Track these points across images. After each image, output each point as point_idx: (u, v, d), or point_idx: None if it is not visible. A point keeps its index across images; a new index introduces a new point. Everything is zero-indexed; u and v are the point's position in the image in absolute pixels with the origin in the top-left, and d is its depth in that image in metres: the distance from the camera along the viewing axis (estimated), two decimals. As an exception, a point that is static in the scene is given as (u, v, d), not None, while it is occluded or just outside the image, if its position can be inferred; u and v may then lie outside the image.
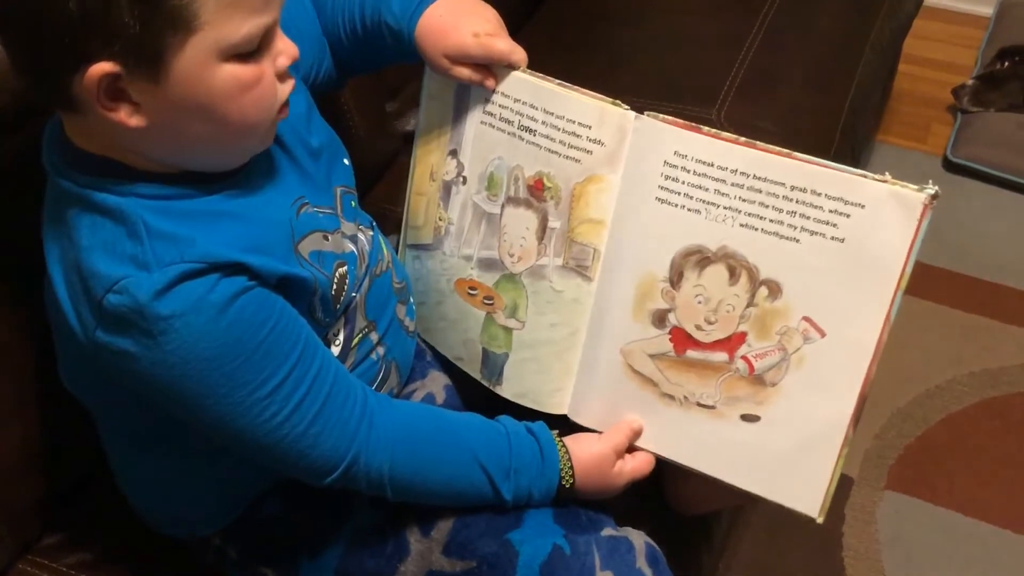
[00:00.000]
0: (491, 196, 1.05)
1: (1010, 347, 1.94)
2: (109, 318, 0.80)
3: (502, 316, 1.07)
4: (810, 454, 0.96)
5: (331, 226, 0.95)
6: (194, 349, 0.81)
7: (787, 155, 0.92)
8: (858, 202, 0.90)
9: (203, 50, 0.77)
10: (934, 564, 1.60)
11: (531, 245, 1.04)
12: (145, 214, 0.81)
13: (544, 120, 1.01)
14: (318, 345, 0.89)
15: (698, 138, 0.95)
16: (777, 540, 1.62)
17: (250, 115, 0.83)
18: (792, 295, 0.94)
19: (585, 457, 0.99)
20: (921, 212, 0.88)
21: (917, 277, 0.90)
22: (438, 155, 1.09)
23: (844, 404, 0.94)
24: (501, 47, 1.01)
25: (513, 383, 1.08)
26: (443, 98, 1.07)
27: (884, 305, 0.91)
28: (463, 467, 0.94)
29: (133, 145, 0.82)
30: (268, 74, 0.82)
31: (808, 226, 0.92)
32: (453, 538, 0.96)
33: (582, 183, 1.00)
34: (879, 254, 0.90)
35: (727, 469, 1.01)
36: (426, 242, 1.12)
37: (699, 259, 0.96)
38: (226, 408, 0.84)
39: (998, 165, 2.28)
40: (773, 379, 0.96)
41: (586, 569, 0.94)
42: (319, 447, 0.88)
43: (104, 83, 0.76)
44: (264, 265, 0.84)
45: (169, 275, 0.79)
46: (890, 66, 2.20)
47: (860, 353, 0.92)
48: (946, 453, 1.76)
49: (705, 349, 0.98)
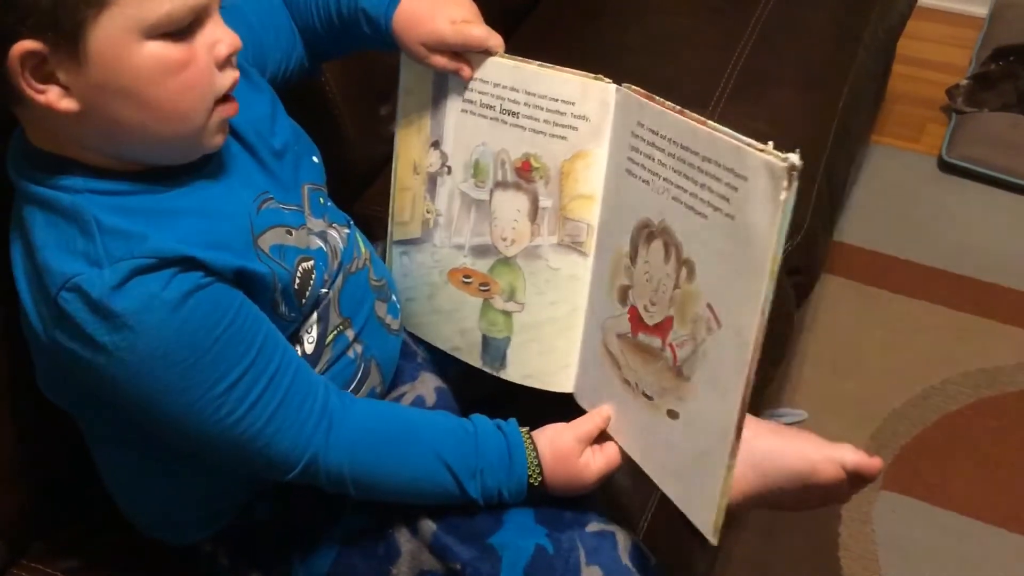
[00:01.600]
0: (478, 183, 1.06)
1: (1006, 347, 1.93)
2: (63, 316, 0.80)
3: (500, 301, 1.07)
4: (705, 463, 0.89)
5: (296, 222, 0.95)
6: (148, 347, 0.80)
7: (702, 122, 0.87)
8: (743, 174, 0.82)
9: (121, 26, 0.77)
10: (931, 564, 1.59)
11: (524, 227, 1.04)
12: (97, 211, 0.81)
13: (527, 101, 1.01)
14: (277, 343, 0.89)
15: (651, 107, 0.93)
16: (773, 540, 1.61)
17: (177, 100, 0.81)
18: (701, 278, 0.87)
19: (549, 451, 0.97)
20: (785, 183, 0.78)
21: (911, 277, 0.87)
22: (419, 148, 1.09)
23: (730, 408, 0.85)
24: (477, 33, 1.01)
25: (518, 366, 1.08)
26: (420, 91, 1.07)
27: (758, 292, 0.81)
28: (426, 467, 0.94)
29: (76, 137, 0.82)
30: (201, 59, 0.82)
31: (712, 200, 0.85)
32: (436, 540, 0.96)
33: (570, 160, 1.00)
34: (756, 232, 0.81)
35: (655, 468, 0.97)
36: (414, 236, 1.12)
37: (647, 234, 0.94)
38: (181, 407, 0.84)
39: (992, 165, 2.28)
40: (688, 372, 0.90)
41: (571, 567, 0.94)
42: (275, 446, 0.88)
43: (29, 63, 0.76)
44: (217, 260, 0.83)
45: (120, 271, 0.79)
46: (884, 67, 2.21)
47: (742, 349, 0.83)
48: (942, 453, 1.75)
49: (649, 332, 0.94)
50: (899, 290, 2.03)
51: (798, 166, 0.79)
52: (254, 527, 0.99)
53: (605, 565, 0.94)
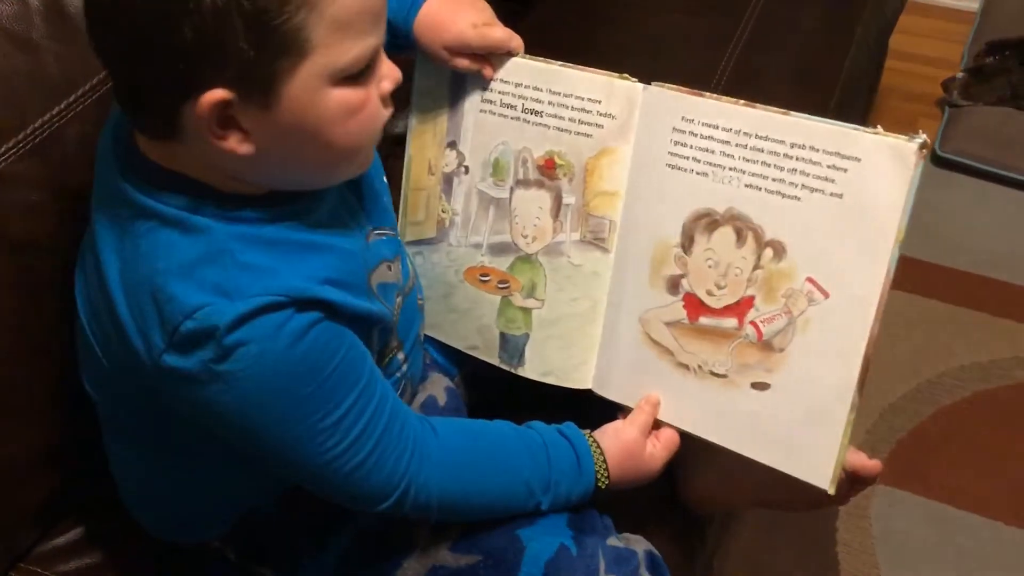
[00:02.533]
0: (497, 182, 1.07)
1: (1000, 340, 1.95)
2: (183, 342, 0.79)
3: (519, 298, 1.08)
4: (818, 423, 0.95)
5: (392, 253, 0.96)
6: (266, 376, 0.80)
7: (785, 113, 0.93)
8: (854, 156, 0.89)
9: (314, 74, 0.77)
10: (927, 557, 1.61)
11: (546, 224, 1.05)
12: (231, 241, 0.80)
13: (551, 100, 1.03)
14: (379, 375, 0.89)
15: (703, 102, 0.97)
16: (771, 536, 1.62)
17: (354, 139, 0.83)
18: (796, 255, 0.93)
19: (616, 450, 0.99)
20: (915, 161, 0.87)
21: (907, 272, 0.90)
22: (435, 149, 1.10)
23: (849, 367, 0.92)
24: (499, 35, 1.03)
25: (536, 363, 1.09)
26: (436, 92, 1.08)
27: (883, 260, 0.89)
28: (510, 488, 0.95)
29: (231, 170, 0.81)
30: (373, 97, 0.82)
31: (808, 183, 0.92)
32: (463, 534, 0.96)
33: (595, 157, 1.02)
34: (875, 208, 0.89)
35: (740, 440, 1.00)
36: (429, 236, 1.12)
37: (708, 222, 0.97)
38: (289, 436, 0.83)
39: (986, 159, 2.29)
40: (781, 344, 0.95)
41: (591, 571, 0.94)
42: (374, 477, 0.88)
43: (216, 111, 0.75)
44: (344, 301, 0.83)
45: (251, 305, 0.78)
46: (877, 62, 2.21)
47: (862, 312, 0.91)
48: (938, 447, 1.77)
49: (716, 315, 0.98)
50: (894, 285, 1.99)
51: (929, 144, 0.88)
52: (263, 523, 1.00)
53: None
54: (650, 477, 1.02)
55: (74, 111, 0.98)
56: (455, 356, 1.15)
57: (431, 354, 1.15)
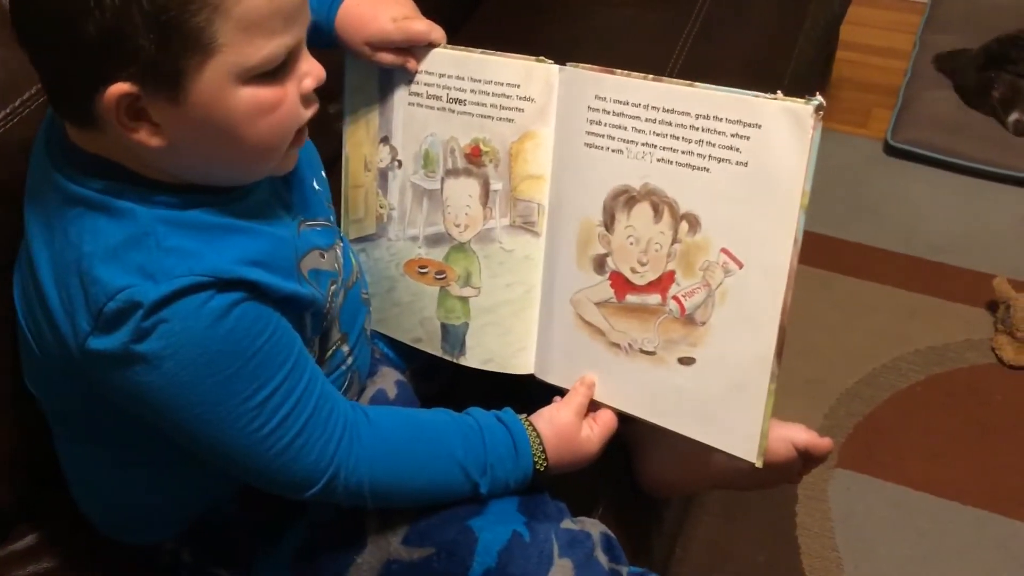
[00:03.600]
0: (428, 173, 1.08)
1: (954, 324, 1.97)
2: (106, 324, 0.79)
3: (456, 287, 1.09)
4: (741, 395, 0.95)
5: (325, 242, 0.96)
6: (188, 356, 0.80)
7: (690, 84, 0.93)
8: (755, 122, 0.89)
9: (222, 72, 0.77)
10: (886, 538, 1.63)
11: (476, 211, 1.06)
12: (154, 224, 0.80)
13: (472, 88, 1.03)
14: (308, 359, 0.89)
15: (613, 78, 0.97)
16: (732, 520, 1.64)
17: (266, 138, 0.83)
18: (710, 227, 0.93)
19: (551, 433, 0.99)
20: (812, 124, 0.87)
21: (862, 259, 0.90)
22: (369, 145, 1.11)
23: (767, 337, 0.92)
24: (420, 28, 1.04)
25: (477, 351, 1.09)
26: (366, 89, 1.09)
27: (791, 227, 0.89)
28: (443, 471, 0.95)
29: (150, 160, 0.82)
30: (291, 96, 0.82)
31: (715, 153, 0.92)
32: (414, 527, 0.96)
33: (518, 141, 1.03)
34: (779, 174, 0.89)
35: (671, 417, 1.00)
36: (369, 233, 1.13)
37: (626, 199, 0.97)
38: (214, 417, 0.83)
39: (937, 148, 2.32)
40: (702, 318, 0.95)
41: (544, 556, 0.95)
42: (301, 461, 0.87)
43: (123, 103, 0.76)
44: (270, 282, 0.83)
45: (174, 286, 0.79)
46: (827, 53, 2.24)
47: (775, 281, 0.91)
48: (894, 430, 1.79)
49: (641, 292, 0.99)
50: (849, 272, 2.06)
51: (824, 105, 0.87)
52: (218, 523, 0.99)
53: (577, 559, 0.96)
54: (588, 459, 1.02)
55: (19, 116, 0.98)
56: (405, 350, 1.15)
57: (381, 348, 1.15)
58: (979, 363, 1.90)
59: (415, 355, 1.15)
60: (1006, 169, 2.27)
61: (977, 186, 2.27)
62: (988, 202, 2.24)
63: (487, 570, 0.94)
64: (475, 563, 0.94)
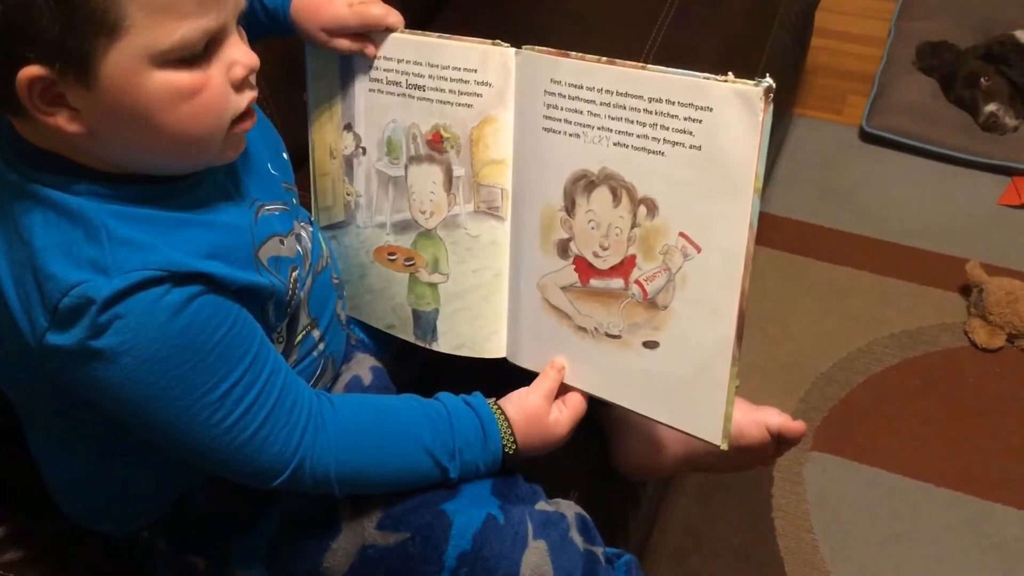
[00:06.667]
0: (392, 160, 1.08)
1: (928, 308, 1.99)
2: (62, 320, 0.78)
3: (425, 273, 1.09)
4: (703, 377, 0.95)
5: (284, 228, 0.95)
6: (148, 350, 0.79)
7: (642, 67, 0.92)
8: (706, 105, 0.88)
9: (132, 55, 0.75)
10: (861, 520, 1.64)
11: (441, 198, 1.06)
12: (105, 218, 0.79)
13: (431, 74, 1.03)
14: (270, 350, 0.88)
15: (568, 62, 0.96)
16: (709, 503, 1.66)
17: (189, 126, 0.80)
18: (667, 211, 0.93)
19: (520, 416, 0.99)
20: (762, 106, 0.85)
21: (837, 244, 0.90)
22: (334, 132, 1.10)
23: (726, 320, 0.92)
24: (376, 12, 1.03)
25: (449, 336, 1.10)
26: (328, 76, 1.08)
27: (745, 210, 0.88)
28: (410, 457, 0.95)
29: (83, 148, 0.81)
30: (215, 83, 0.80)
31: (669, 137, 0.91)
32: (387, 512, 0.96)
33: (478, 127, 1.02)
34: (732, 157, 0.88)
35: (637, 399, 1.01)
36: (339, 220, 1.13)
37: (586, 183, 0.97)
38: (175, 411, 0.82)
39: (912, 134, 2.33)
40: (664, 302, 0.96)
41: (519, 538, 0.95)
42: (266, 452, 0.87)
43: (37, 87, 0.75)
44: (226, 274, 0.83)
45: (128, 281, 0.78)
46: (802, 40, 2.24)
47: (732, 264, 0.90)
48: (869, 413, 1.80)
49: (604, 276, 0.99)
50: (825, 257, 2.08)
51: (774, 87, 0.85)
52: (193, 512, 0.99)
53: (551, 540, 0.97)
54: (558, 441, 1.03)
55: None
56: (382, 336, 1.16)
57: (357, 334, 1.16)
58: (953, 346, 1.92)
59: (391, 341, 1.15)
60: (979, 156, 2.28)
61: (951, 172, 2.29)
62: (962, 188, 2.26)
63: (462, 553, 0.94)
64: (450, 546, 0.95)
